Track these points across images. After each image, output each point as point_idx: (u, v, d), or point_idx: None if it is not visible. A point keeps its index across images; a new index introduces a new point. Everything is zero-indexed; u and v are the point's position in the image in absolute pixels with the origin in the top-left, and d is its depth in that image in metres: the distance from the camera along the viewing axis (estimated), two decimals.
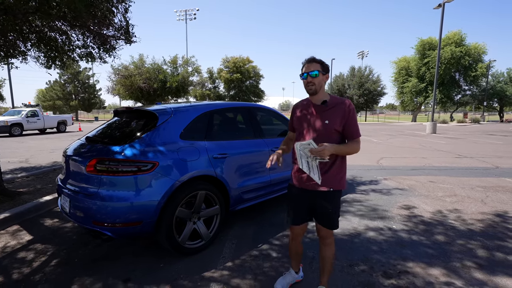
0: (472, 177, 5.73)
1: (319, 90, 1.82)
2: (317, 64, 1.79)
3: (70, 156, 2.66)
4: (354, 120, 1.81)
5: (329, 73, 1.87)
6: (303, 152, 1.75)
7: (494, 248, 2.77)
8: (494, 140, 13.02)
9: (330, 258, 1.97)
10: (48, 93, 40.02)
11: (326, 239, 1.95)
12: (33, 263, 2.53)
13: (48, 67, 6.78)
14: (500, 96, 38.80)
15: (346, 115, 1.79)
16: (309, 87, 1.81)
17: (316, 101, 1.86)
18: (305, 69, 1.81)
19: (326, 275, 2.00)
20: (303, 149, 1.75)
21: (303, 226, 2.01)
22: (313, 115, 1.86)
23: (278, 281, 2.16)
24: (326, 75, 1.84)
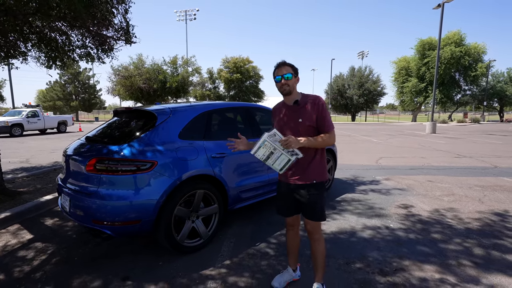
0: (470, 177, 5.76)
1: (292, 91, 1.96)
2: (289, 67, 1.94)
3: (70, 155, 2.69)
4: (324, 113, 1.92)
5: (298, 75, 2.00)
6: (273, 143, 1.82)
7: (490, 247, 2.80)
8: (494, 140, 13.04)
9: (320, 254, 2.01)
10: (49, 94, 40.09)
11: (313, 234, 2.02)
12: (34, 261, 2.56)
13: (48, 67, 6.82)
14: (500, 96, 38.84)
15: (316, 110, 1.91)
16: (283, 88, 1.95)
17: (289, 101, 2.00)
18: (278, 72, 1.94)
19: (320, 272, 2.05)
20: (273, 141, 1.83)
21: (294, 217, 2.12)
22: (287, 115, 1.99)
23: (275, 278, 2.19)
24: (297, 77, 1.98)
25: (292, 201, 2.04)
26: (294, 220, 2.13)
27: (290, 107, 1.99)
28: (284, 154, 1.84)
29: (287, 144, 1.79)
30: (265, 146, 1.85)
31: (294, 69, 1.95)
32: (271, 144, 1.84)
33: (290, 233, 2.19)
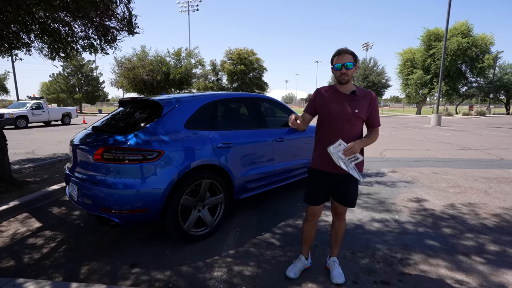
0: (476, 169, 5.72)
1: (350, 80, 1.93)
2: (350, 55, 1.87)
3: (77, 145, 2.70)
4: (377, 110, 1.98)
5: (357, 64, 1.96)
6: (337, 155, 1.83)
7: (496, 239, 2.79)
8: (500, 133, 12.90)
9: (343, 232, 2.19)
10: (52, 86, 40.17)
11: (342, 215, 2.14)
12: (43, 249, 2.61)
13: (52, 58, 6.81)
14: (507, 88, 38.16)
15: (371, 105, 1.94)
16: (342, 77, 1.90)
17: (345, 90, 1.95)
18: (339, 60, 1.88)
19: (338, 247, 2.22)
20: (336, 152, 1.84)
21: (320, 207, 2.12)
22: (343, 103, 1.93)
23: (289, 268, 2.20)
24: (356, 66, 1.92)
25: (328, 189, 2.04)
26: (319, 210, 2.12)
27: (346, 96, 1.94)
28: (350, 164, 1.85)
29: (352, 151, 1.80)
30: (338, 159, 1.83)
31: (355, 58, 1.90)
32: (338, 156, 1.83)
33: (310, 224, 2.19)
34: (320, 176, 2.03)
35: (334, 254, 2.24)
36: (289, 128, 3.84)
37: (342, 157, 1.84)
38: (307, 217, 2.18)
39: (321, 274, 2.21)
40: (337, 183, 2.00)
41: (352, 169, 1.86)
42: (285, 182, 3.75)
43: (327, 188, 2.04)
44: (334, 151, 1.83)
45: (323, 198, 2.08)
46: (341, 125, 1.92)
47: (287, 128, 3.81)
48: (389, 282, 2.10)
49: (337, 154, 1.83)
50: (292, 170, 3.82)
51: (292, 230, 2.98)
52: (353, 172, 1.85)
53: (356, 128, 1.94)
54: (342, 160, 1.84)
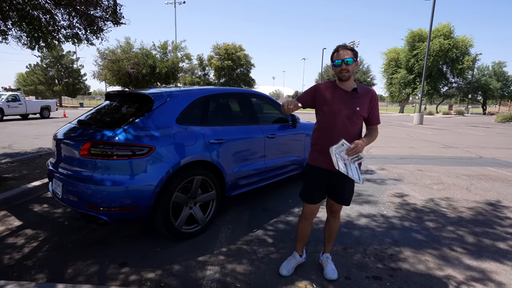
0: (457, 166, 5.94)
1: (351, 76, 1.89)
2: (350, 51, 1.84)
3: (62, 139, 2.57)
4: (378, 108, 1.97)
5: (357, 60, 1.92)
6: (339, 155, 1.81)
7: (479, 232, 2.91)
8: (478, 132, 13.47)
9: (337, 229, 2.21)
10: (29, 77, 38.32)
11: (338, 213, 2.16)
12: (24, 248, 2.48)
13: (31, 47, 6.47)
14: (484, 89, 39.89)
15: (372, 103, 1.93)
16: (342, 73, 1.86)
17: (346, 87, 1.92)
18: (338, 56, 1.85)
19: (331, 244, 2.24)
20: (339, 152, 1.81)
21: (318, 205, 2.10)
22: (344, 101, 1.90)
23: (282, 265, 2.19)
24: (356, 62, 1.89)
25: (326, 187, 2.03)
26: (316, 208, 2.11)
27: (347, 92, 1.91)
28: (352, 164, 1.84)
29: (356, 151, 1.79)
30: (339, 159, 1.81)
31: (355, 54, 1.86)
32: (340, 156, 1.81)
33: (307, 222, 2.17)
34: (319, 173, 2.00)
35: (327, 250, 2.26)
36: (280, 124, 3.84)
37: (345, 157, 1.82)
38: (304, 215, 2.14)
39: (314, 270, 2.22)
40: (336, 181, 1.98)
41: (354, 169, 1.85)
42: (276, 178, 3.74)
43: (325, 186, 2.03)
44: (337, 151, 1.79)
45: (320, 196, 2.06)
46: (342, 123, 1.90)
47: (279, 125, 3.81)
48: (380, 277, 2.14)
49: (339, 155, 1.80)
50: (283, 167, 3.82)
51: (284, 226, 2.98)
52: (353, 173, 1.83)
53: (356, 126, 1.93)
54: (344, 161, 1.82)
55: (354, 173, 1.84)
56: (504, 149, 8.36)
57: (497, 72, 41.73)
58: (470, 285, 2.07)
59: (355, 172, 1.85)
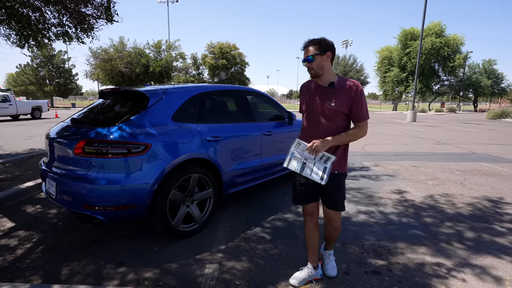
0: (451, 162, 6.01)
1: (321, 72, 1.78)
2: (312, 46, 1.75)
3: (55, 138, 2.51)
4: (361, 102, 1.75)
5: (331, 50, 1.75)
6: (301, 154, 1.76)
7: (473, 226, 2.94)
8: (470, 128, 13.68)
9: (335, 237, 2.10)
10: (20, 78, 37.60)
11: (334, 222, 1.98)
12: (18, 250, 2.42)
13: (20, 46, 6.33)
14: (475, 86, 40.53)
15: (353, 97, 1.74)
16: (309, 72, 1.82)
17: (322, 82, 1.83)
18: (303, 55, 1.80)
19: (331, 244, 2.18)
20: (301, 152, 1.75)
21: (313, 205, 1.97)
22: (319, 97, 1.81)
23: (294, 275, 2.03)
24: (327, 54, 1.75)
25: (313, 189, 1.90)
26: (313, 208, 1.98)
27: (323, 88, 1.80)
28: (317, 163, 1.73)
29: (314, 150, 1.71)
30: (295, 158, 1.75)
31: (320, 47, 1.73)
32: (301, 155, 1.74)
33: (309, 224, 2.01)
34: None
35: (329, 248, 2.19)
36: (276, 122, 3.83)
37: (310, 157, 1.73)
38: (305, 217, 2.02)
39: None
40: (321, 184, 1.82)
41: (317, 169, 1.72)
42: (273, 176, 3.74)
43: (312, 187, 1.89)
44: (298, 150, 1.74)
45: (310, 196, 1.93)
46: (318, 120, 1.81)
47: (275, 122, 3.80)
48: (379, 272, 2.14)
49: (301, 154, 1.74)
50: (280, 164, 3.80)
51: (282, 223, 2.97)
52: (313, 172, 1.72)
53: (335, 124, 1.78)
54: (306, 160, 1.74)
55: (315, 172, 1.72)
56: (496, 144, 8.50)
57: (487, 70, 42.44)
58: (468, 280, 2.09)
59: (317, 172, 1.72)
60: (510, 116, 20.44)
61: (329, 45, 1.76)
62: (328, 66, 1.79)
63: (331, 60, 1.79)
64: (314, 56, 1.74)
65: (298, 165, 1.76)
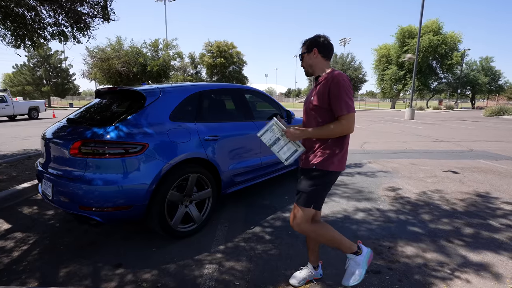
0: (449, 159, 6.01)
1: (311, 69, 1.76)
2: (303, 46, 1.78)
3: (51, 139, 2.48)
4: (338, 93, 1.57)
5: (317, 46, 1.71)
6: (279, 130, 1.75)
7: (474, 224, 2.94)
8: (468, 126, 13.71)
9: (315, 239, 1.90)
10: (16, 78, 37.36)
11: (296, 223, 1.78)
12: (14, 252, 2.39)
13: (16, 46, 6.27)
14: (473, 84, 40.63)
15: (328, 89, 1.61)
16: (304, 71, 1.83)
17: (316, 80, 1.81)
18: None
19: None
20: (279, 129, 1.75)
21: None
22: (309, 94, 1.82)
23: (293, 275, 2.01)
24: (313, 51, 1.71)
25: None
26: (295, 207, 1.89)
27: (315, 84, 1.77)
28: (291, 143, 1.74)
29: (286, 136, 1.71)
30: (272, 131, 1.76)
31: (308, 45, 1.73)
32: (279, 130, 1.74)
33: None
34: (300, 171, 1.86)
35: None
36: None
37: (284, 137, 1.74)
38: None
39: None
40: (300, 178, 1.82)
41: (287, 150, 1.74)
42: (272, 175, 3.72)
43: None
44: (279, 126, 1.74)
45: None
46: (305, 117, 1.81)
47: None
48: (380, 271, 2.13)
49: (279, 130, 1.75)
50: (279, 163, 3.79)
51: (281, 223, 2.96)
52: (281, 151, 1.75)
53: (317, 120, 1.69)
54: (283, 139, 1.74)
55: (283, 151, 1.74)
56: (494, 142, 8.52)
57: (484, 67, 42.56)
58: (468, 277, 2.08)
59: (285, 152, 1.74)
60: (507, 114, 20.50)
61: (315, 41, 1.73)
62: (317, 63, 1.73)
63: (323, 56, 1.73)
64: (302, 55, 1.77)
65: (270, 139, 1.77)
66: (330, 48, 1.76)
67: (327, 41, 1.74)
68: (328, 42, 1.74)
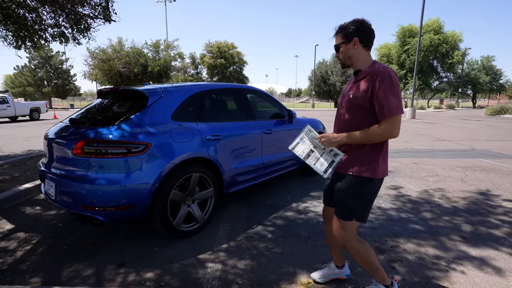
0: (451, 158, 6.00)
1: (350, 61, 1.55)
2: (338, 35, 1.55)
3: (54, 139, 2.49)
4: (384, 92, 1.39)
5: (358, 35, 1.50)
6: (312, 141, 1.64)
7: (476, 222, 2.93)
8: (469, 125, 13.68)
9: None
10: (17, 79, 37.47)
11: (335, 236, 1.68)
12: (17, 252, 2.40)
13: (17, 47, 6.29)
14: (474, 83, 40.56)
15: (372, 86, 1.42)
16: (339, 62, 1.65)
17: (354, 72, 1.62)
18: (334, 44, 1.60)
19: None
20: (311, 138, 1.64)
21: (328, 208, 1.85)
22: (346, 89, 1.64)
23: (317, 271, 2.01)
24: (353, 40, 1.50)
25: (330, 189, 1.75)
26: (328, 212, 1.86)
27: (353, 78, 1.59)
28: (326, 154, 1.60)
29: (324, 142, 1.56)
30: (303, 143, 1.65)
31: (346, 34, 1.50)
32: (310, 142, 1.63)
33: (327, 228, 1.90)
34: None
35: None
36: (277, 120, 3.81)
37: (322, 147, 1.60)
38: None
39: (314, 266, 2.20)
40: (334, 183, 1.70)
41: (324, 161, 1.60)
42: (273, 174, 3.72)
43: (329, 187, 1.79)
44: (308, 136, 1.64)
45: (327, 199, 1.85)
46: (339, 116, 1.65)
47: (275, 120, 3.78)
48: None
49: (312, 141, 1.63)
50: (281, 163, 3.79)
51: (283, 222, 2.96)
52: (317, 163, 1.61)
53: (355, 119, 1.53)
54: (315, 148, 1.62)
55: (320, 163, 1.60)
56: (495, 141, 8.50)
57: (486, 66, 42.47)
58: (470, 273, 2.08)
59: (322, 163, 1.60)
60: (509, 112, 20.45)
61: (355, 30, 1.49)
62: (358, 54, 1.52)
63: (365, 46, 1.52)
64: (339, 46, 1.55)
65: (304, 151, 1.64)
66: (373, 37, 1.53)
67: (370, 28, 1.51)
68: (371, 29, 1.52)
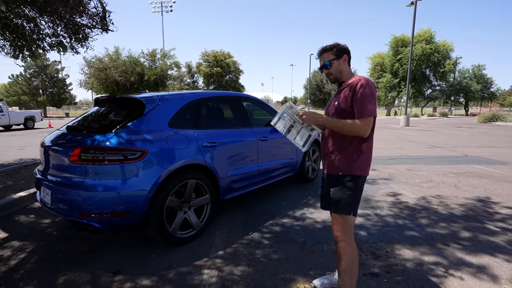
0: (444, 165, 6.09)
1: (339, 76, 1.77)
2: (328, 52, 1.75)
3: (50, 146, 2.50)
4: (362, 97, 1.60)
5: (346, 53, 1.76)
6: (292, 116, 1.76)
7: (470, 227, 2.98)
8: (462, 132, 13.90)
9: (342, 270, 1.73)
10: (12, 88, 37.25)
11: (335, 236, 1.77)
12: (11, 260, 2.37)
13: (15, 57, 6.32)
14: (466, 91, 41.36)
15: (353, 92, 1.64)
16: (328, 77, 1.83)
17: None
18: (320, 62, 1.79)
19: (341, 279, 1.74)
20: (292, 114, 1.75)
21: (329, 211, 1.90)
22: (332, 99, 1.84)
23: (319, 278, 2.04)
24: (343, 57, 1.75)
25: (326, 192, 1.83)
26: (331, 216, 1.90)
27: (337, 90, 1.82)
28: (304, 129, 1.76)
29: (303, 119, 1.72)
30: (284, 118, 1.76)
31: (336, 51, 1.73)
32: (291, 117, 1.76)
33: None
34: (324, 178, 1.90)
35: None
36: (272, 127, 3.85)
37: (300, 121, 1.75)
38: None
39: (312, 270, 2.21)
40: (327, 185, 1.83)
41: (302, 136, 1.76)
42: (269, 181, 3.74)
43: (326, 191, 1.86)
44: (289, 112, 1.76)
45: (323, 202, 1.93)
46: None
47: (271, 128, 3.82)
48: (378, 274, 2.15)
49: (291, 117, 1.75)
50: (277, 169, 3.83)
51: (280, 228, 2.97)
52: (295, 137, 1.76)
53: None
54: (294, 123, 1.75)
55: (298, 137, 1.76)
56: (488, 147, 8.64)
57: (477, 75, 43.42)
58: (465, 279, 2.11)
59: (301, 137, 1.76)
60: (500, 120, 20.83)
61: (344, 48, 1.77)
62: (346, 69, 1.78)
63: (348, 62, 1.79)
64: (331, 62, 1.75)
65: (285, 127, 1.76)
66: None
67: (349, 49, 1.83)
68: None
